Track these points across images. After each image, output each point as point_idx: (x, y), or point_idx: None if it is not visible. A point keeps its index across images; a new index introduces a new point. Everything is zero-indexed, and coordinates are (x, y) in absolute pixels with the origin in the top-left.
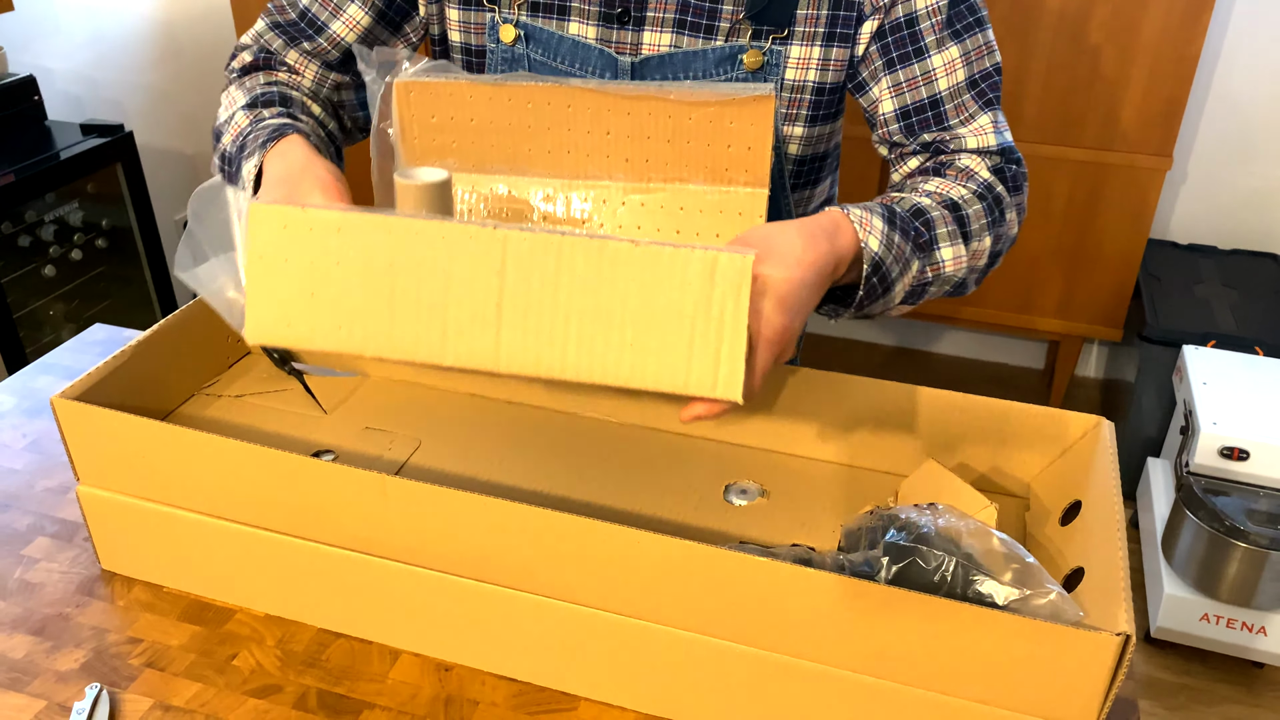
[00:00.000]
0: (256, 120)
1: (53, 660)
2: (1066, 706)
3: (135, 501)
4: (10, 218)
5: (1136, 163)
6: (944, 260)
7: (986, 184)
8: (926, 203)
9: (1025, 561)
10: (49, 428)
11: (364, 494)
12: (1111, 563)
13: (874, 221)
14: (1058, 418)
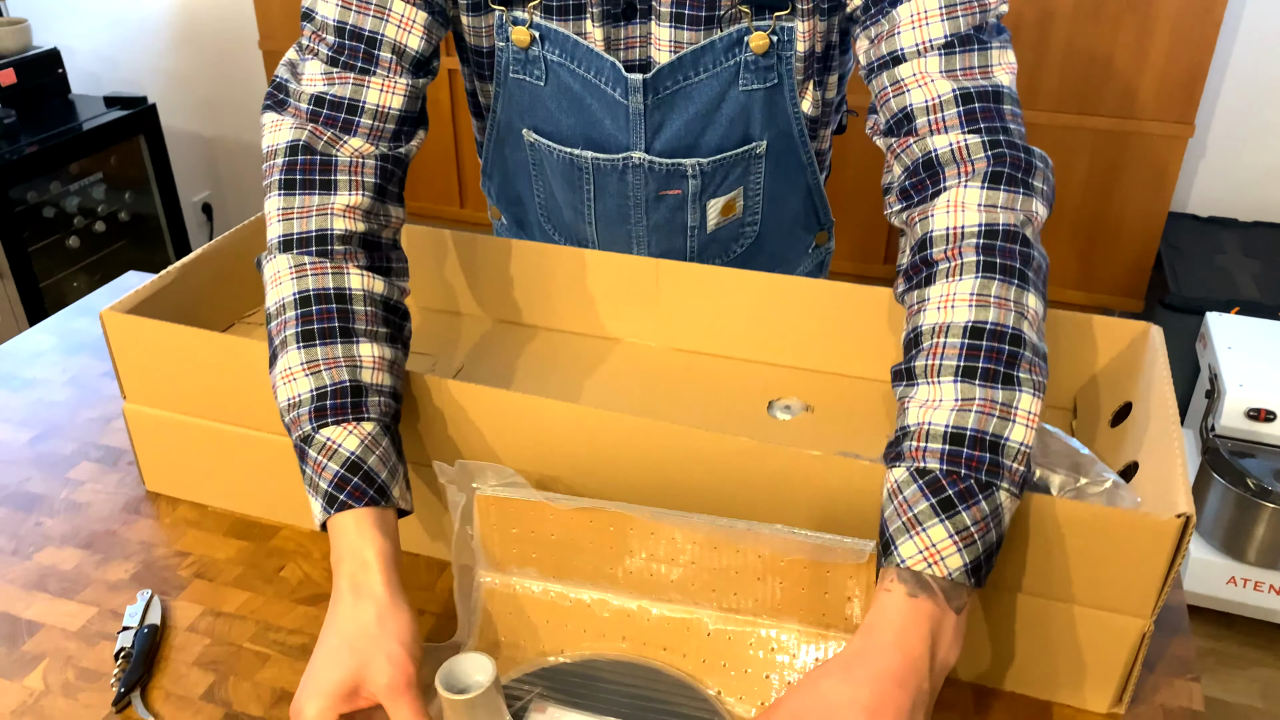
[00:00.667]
0: (319, 410)
1: (103, 572)
2: (1123, 594)
3: (181, 418)
4: (35, 188)
5: (1158, 130)
6: (1021, 441)
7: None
8: (941, 415)
9: (1079, 453)
10: (88, 364)
11: (416, 394)
12: (1167, 453)
13: (929, 536)
14: (1105, 324)
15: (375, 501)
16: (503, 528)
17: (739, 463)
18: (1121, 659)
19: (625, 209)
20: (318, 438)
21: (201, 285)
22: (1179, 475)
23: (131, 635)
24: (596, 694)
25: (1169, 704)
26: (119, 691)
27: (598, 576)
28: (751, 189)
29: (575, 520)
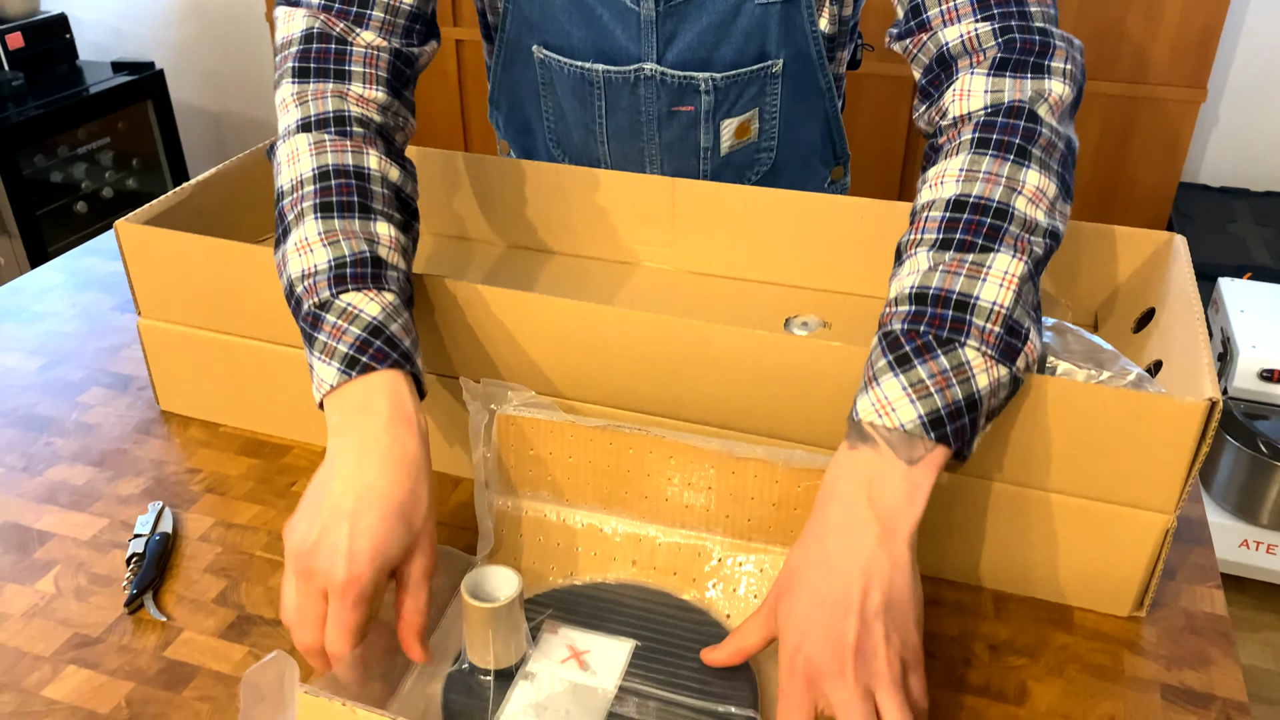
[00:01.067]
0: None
1: (114, 487)
2: (1147, 487)
3: (196, 332)
4: (43, 152)
5: (1170, 95)
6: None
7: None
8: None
9: (1102, 349)
10: (97, 298)
11: (436, 301)
12: (1193, 349)
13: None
14: (1127, 235)
15: (399, 365)
16: (520, 448)
17: (758, 359)
18: (1144, 560)
19: (637, 125)
20: (337, 303)
21: (216, 204)
22: (1205, 368)
23: (143, 542)
24: (606, 616)
25: (1191, 608)
26: (131, 593)
27: (612, 500)
28: (767, 112)
29: (594, 442)
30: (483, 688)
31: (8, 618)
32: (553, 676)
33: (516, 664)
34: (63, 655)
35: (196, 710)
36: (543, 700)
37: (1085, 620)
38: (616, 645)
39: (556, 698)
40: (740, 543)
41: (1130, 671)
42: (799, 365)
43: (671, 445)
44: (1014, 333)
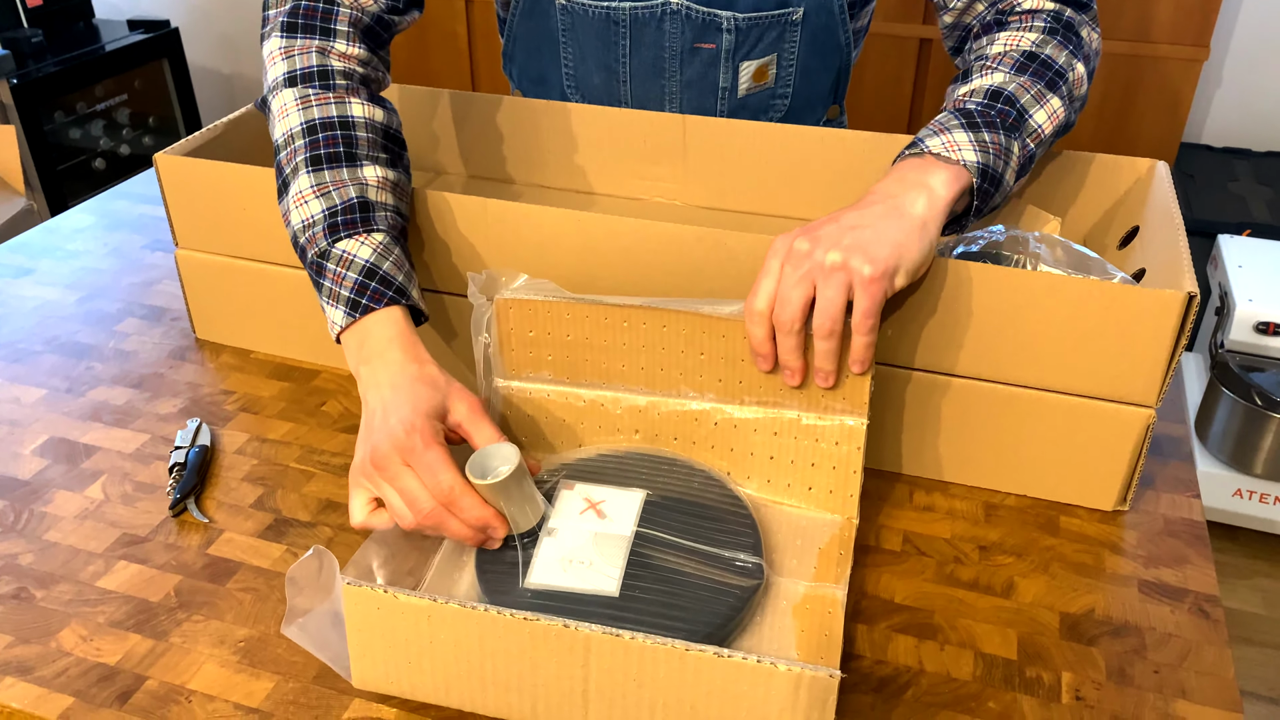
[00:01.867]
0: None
1: (153, 406)
2: (1129, 380)
3: (231, 261)
4: (62, 108)
5: (1172, 54)
6: (1040, 125)
7: (1053, 14)
8: (999, 78)
9: (1088, 256)
10: (129, 238)
11: (463, 219)
12: (1174, 256)
13: (956, 137)
14: (1111, 162)
15: (395, 301)
16: (520, 331)
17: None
18: (1127, 453)
19: (660, 62)
20: (334, 251)
21: (249, 141)
22: (1185, 269)
23: (184, 453)
24: (616, 474)
25: (1170, 515)
26: (175, 498)
27: (610, 375)
28: (785, 58)
29: (589, 318)
30: (511, 552)
31: (60, 519)
32: (574, 529)
33: (537, 525)
34: (114, 552)
35: (240, 600)
36: (567, 553)
37: (1070, 525)
38: (629, 495)
39: (580, 548)
40: (734, 405)
41: (1111, 569)
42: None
43: (662, 314)
44: (1030, 161)
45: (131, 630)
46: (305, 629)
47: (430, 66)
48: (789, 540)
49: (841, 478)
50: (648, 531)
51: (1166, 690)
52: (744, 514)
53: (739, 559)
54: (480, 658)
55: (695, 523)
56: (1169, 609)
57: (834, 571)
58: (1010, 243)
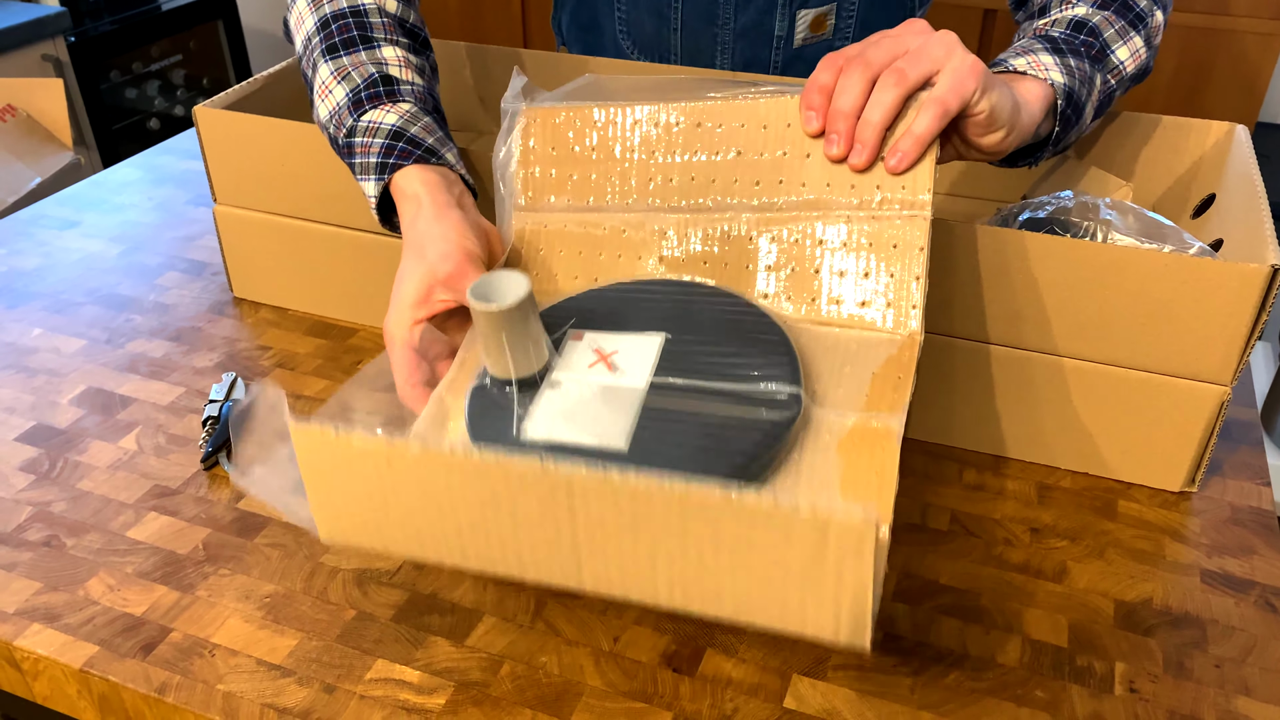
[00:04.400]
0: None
1: (190, 359)
2: (1203, 356)
3: (269, 217)
4: (118, 67)
5: (1251, 28)
6: (1123, 62)
7: None
8: (1082, 11)
9: (1163, 224)
10: (173, 193)
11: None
12: (1255, 225)
13: (1042, 58)
14: (1186, 125)
15: (425, 159)
16: (543, 147)
17: None
18: (1198, 431)
19: (714, 7)
20: (360, 124)
21: (289, 94)
22: (1268, 239)
23: (218, 407)
24: (633, 314)
25: (1238, 503)
26: (207, 451)
27: (635, 193)
28: (845, 8)
29: (617, 125)
30: (506, 399)
31: (94, 469)
32: (580, 383)
33: (540, 372)
34: (145, 503)
35: (267, 555)
36: (570, 407)
37: (1129, 510)
38: (645, 341)
39: (585, 403)
40: (773, 214)
41: (1171, 556)
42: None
43: (698, 110)
44: (1109, 99)
45: (158, 582)
46: (263, 482)
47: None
48: (835, 367)
49: (900, 287)
50: (664, 380)
51: (1228, 686)
52: (777, 339)
53: (769, 390)
54: (452, 504)
55: (719, 360)
56: (1233, 601)
57: (889, 398)
58: (1080, 209)
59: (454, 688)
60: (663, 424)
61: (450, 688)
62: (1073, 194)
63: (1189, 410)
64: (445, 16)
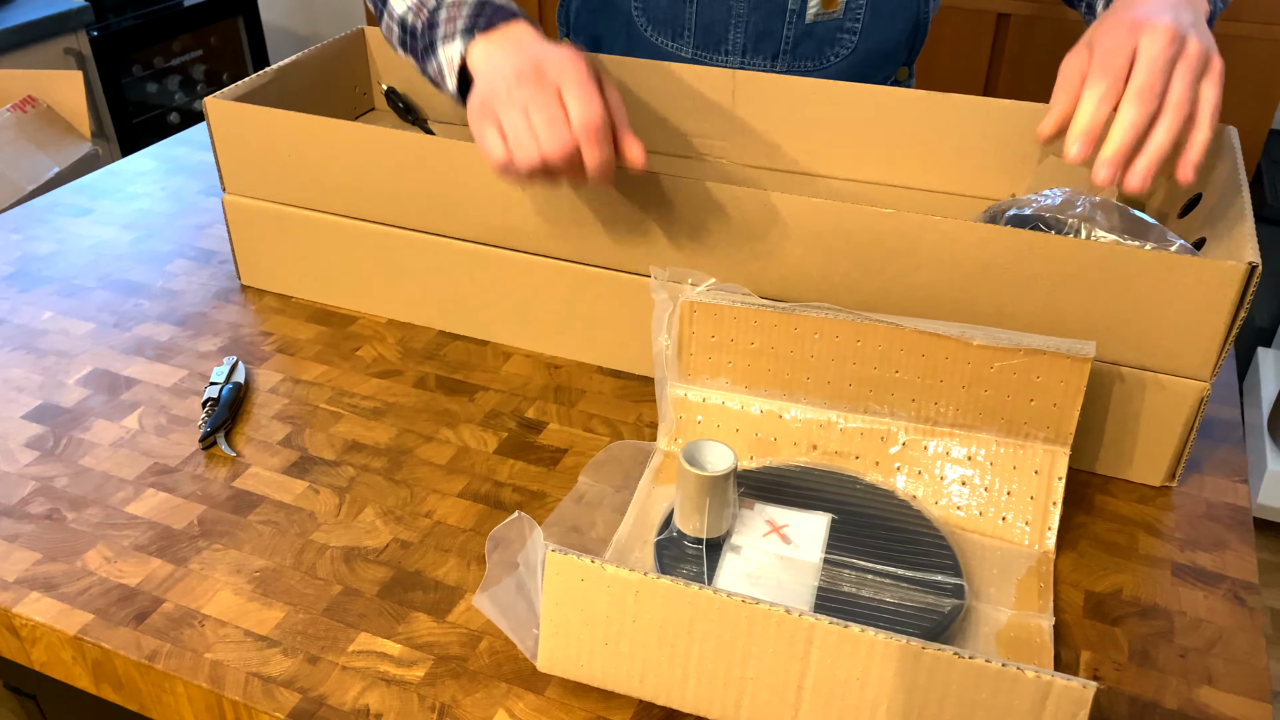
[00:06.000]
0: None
1: (194, 343)
2: (1183, 351)
3: (277, 207)
4: (139, 61)
5: (1263, 34)
6: None
7: None
8: None
9: (1146, 222)
10: (186, 183)
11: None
12: (1237, 223)
13: None
14: None
15: (512, 19)
16: (702, 334)
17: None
18: (1178, 427)
19: None
20: (445, 3)
21: (300, 87)
22: (1247, 237)
23: (218, 389)
24: (791, 497)
25: (1214, 499)
26: (205, 431)
27: (792, 386)
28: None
29: (778, 327)
30: (695, 555)
31: (97, 446)
32: (758, 549)
33: (722, 536)
34: (144, 480)
35: (259, 531)
36: (754, 571)
37: (1105, 504)
38: (814, 519)
39: (766, 568)
40: (926, 426)
41: (1144, 549)
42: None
43: (858, 327)
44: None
45: (154, 555)
46: (495, 601)
47: None
48: (984, 568)
49: (1039, 509)
50: (836, 557)
51: (1191, 675)
52: (937, 535)
53: (936, 579)
54: (688, 642)
55: (884, 545)
56: (1203, 594)
57: (1036, 602)
58: (1064, 206)
59: (433, 661)
60: (840, 599)
61: (430, 661)
62: (1058, 192)
63: (1169, 406)
64: None
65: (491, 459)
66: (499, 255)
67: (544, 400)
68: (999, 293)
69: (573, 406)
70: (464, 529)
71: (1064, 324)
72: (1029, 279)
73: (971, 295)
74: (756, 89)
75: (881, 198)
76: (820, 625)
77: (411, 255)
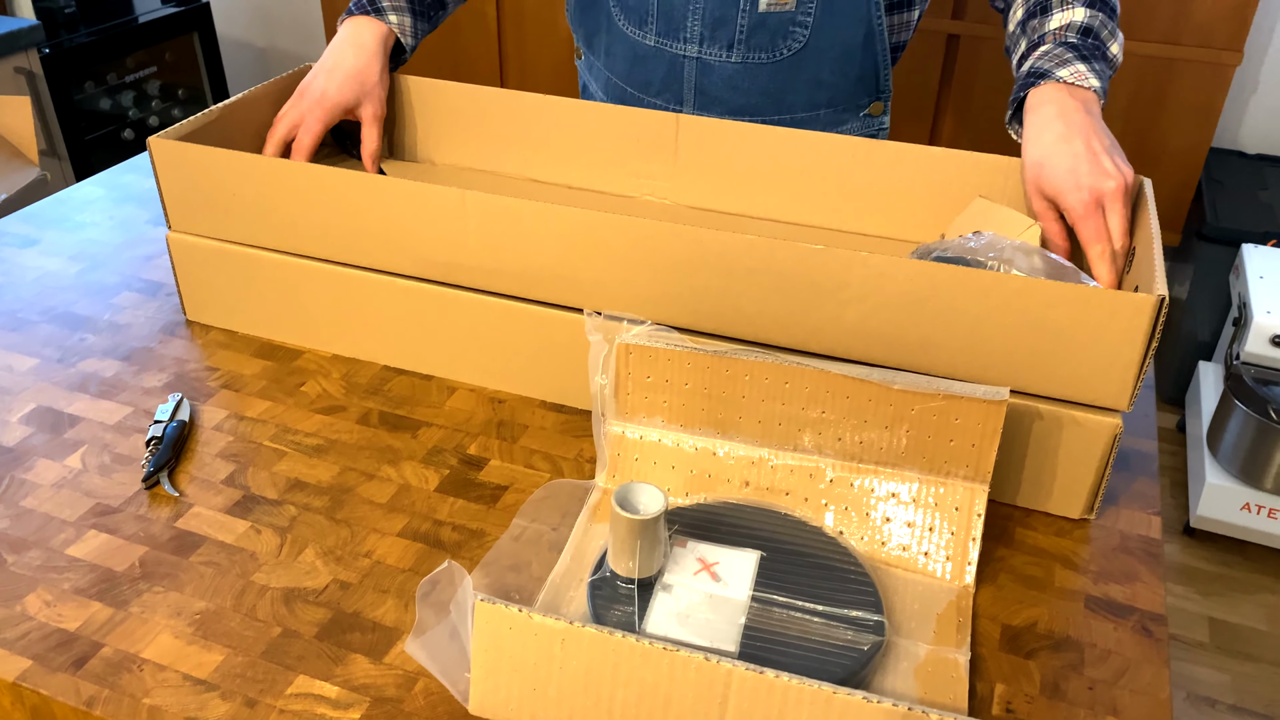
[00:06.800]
0: None
1: (139, 379)
2: (1099, 384)
3: (221, 244)
4: (93, 78)
5: (1206, 57)
6: (1116, 55)
7: None
8: (1081, 15)
9: (1065, 266)
10: (135, 212)
11: (445, 210)
12: (1148, 268)
13: (1078, 67)
14: None
15: (366, 11)
16: (639, 375)
17: (756, 261)
18: (1095, 459)
19: None
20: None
21: (245, 126)
22: (1155, 275)
23: (162, 427)
24: (723, 533)
25: (1127, 531)
26: (148, 470)
27: (726, 425)
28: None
29: (711, 369)
30: (627, 595)
31: (39, 487)
32: (689, 587)
33: (654, 576)
34: (86, 521)
35: (201, 573)
36: (684, 610)
37: (1025, 537)
38: (743, 556)
39: (696, 607)
40: (853, 464)
41: (1060, 583)
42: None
43: (786, 370)
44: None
45: (94, 598)
46: (427, 646)
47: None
48: (906, 603)
49: (960, 545)
50: (763, 595)
51: (1098, 707)
52: (860, 572)
53: (858, 616)
54: (612, 688)
55: (810, 582)
56: (1112, 626)
57: (954, 637)
58: (986, 249)
59: (369, 703)
60: (766, 636)
61: (366, 703)
62: (984, 235)
63: (1086, 442)
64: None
65: (432, 497)
66: (443, 292)
67: (486, 436)
68: (925, 326)
69: (514, 442)
70: (403, 569)
71: (987, 356)
72: (953, 313)
73: (900, 328)
74: (698, 132)
75: (816, 239)
76: (737, 671)
77: (357, 292)
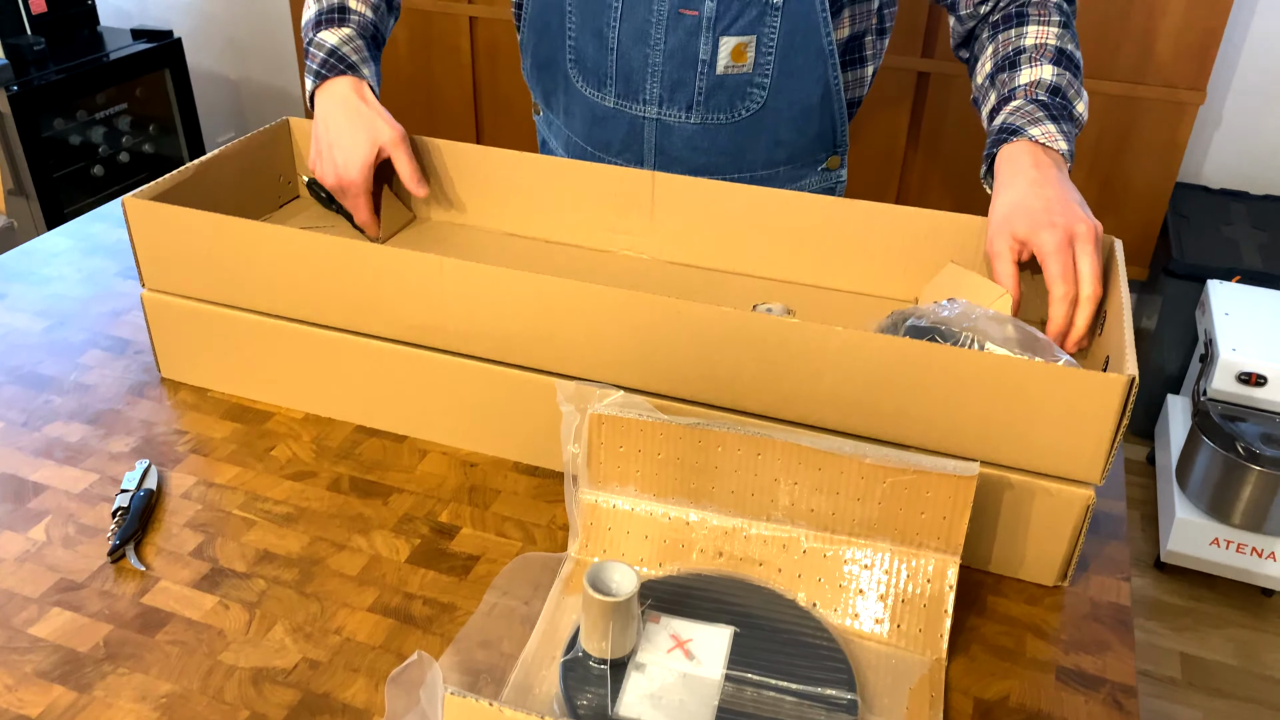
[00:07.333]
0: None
1: (106, 444)
2: (1071, 459)
3: (194, 304)
4: (62, 116)
5: (1169, 96)
6: (1082, 114)
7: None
8: (1049, 72)
9: (1037, 338)
10: (103, 264)
11: (422, 276)
12: (1118, 341)
13: (1049, 127)
14: None
15: (344, 73)
16: (611, 445)
17: (730, 334)
18: (1068, 530)
19: (646, 28)
20: (315, 39)
21: (220, 182)
22: (1125, 354)
23: (129, 497)
24: (697, 606)
25: (1098, 598)
26: (114, 544)
27: (698, 495)
28: (764, 43)
29: (684, 439)
30: (599, 677)
31: (2, 561)
32: (662, 667)
33: (627, 655)
34: (49, 598)
35: (167, 652)
36: (657, 690)
37: (997, 605)
38: (716, 633)
39: (669, 687)
40: (826, 534)
41: (1031, 654)
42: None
43: (759, 441)
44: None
45: (56, 681)
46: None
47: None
48: (879, 677)
49: (932, 616)
50: (737, 673)
51: None
52: (834, 648)
53: (832, 695)
54: None
55: (784, 659)
56: (1083, 699)
57: (927, 713)
58: (959, 318)
59: None
60: (739, 718)
61: None
62: (957, 303)
63: (1058, 512)
64: (396, 71)
65: (403, 568)
66: (416, 354)
67: (458, 503)
68: (898, 398)
69: (486, 509)
70: (373, 646)
71: (960, 428)
72: (925, 387)
73: (873, 399)
74: (674, 189)
75: (792, 295)
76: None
77: (330, 352)
